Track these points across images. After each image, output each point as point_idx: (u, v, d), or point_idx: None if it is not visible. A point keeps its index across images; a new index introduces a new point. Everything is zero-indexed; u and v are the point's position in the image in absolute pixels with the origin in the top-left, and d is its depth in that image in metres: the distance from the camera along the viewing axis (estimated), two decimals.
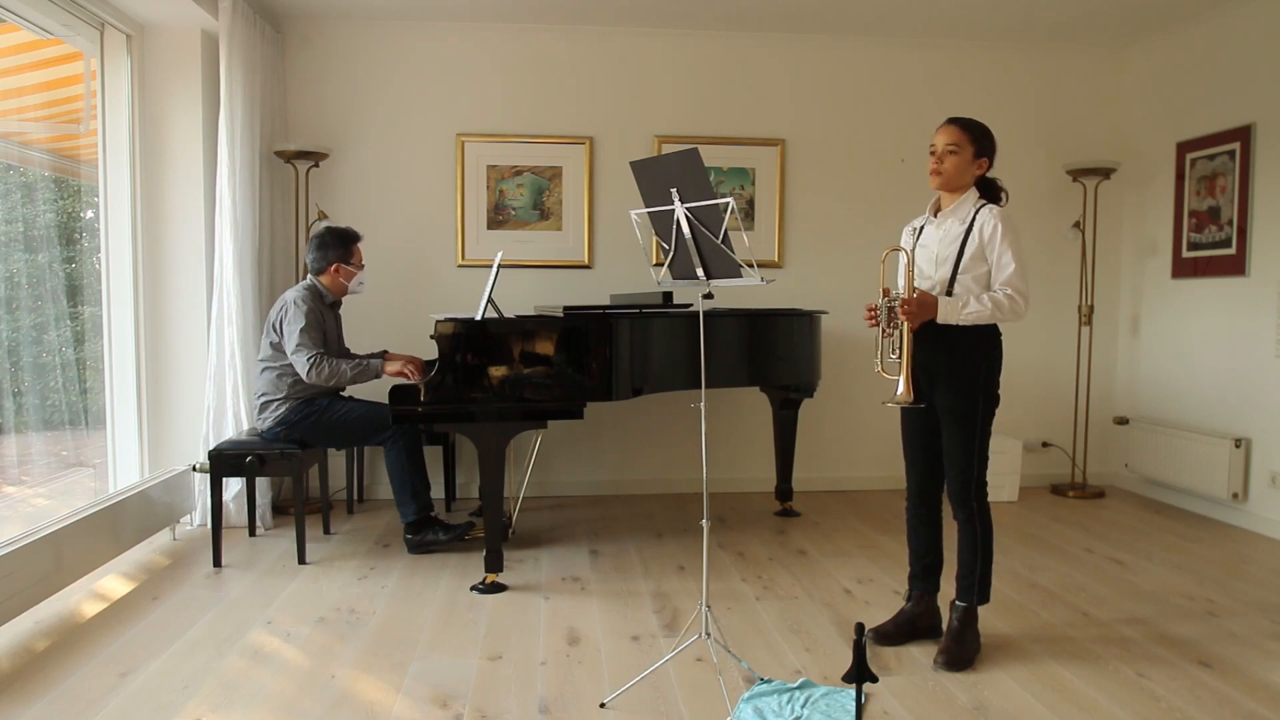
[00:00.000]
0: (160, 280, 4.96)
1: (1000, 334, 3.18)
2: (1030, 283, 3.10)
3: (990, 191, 3.23)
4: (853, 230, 5.91)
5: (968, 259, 3.12)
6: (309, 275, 4.58)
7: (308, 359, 4.28)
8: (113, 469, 4.91)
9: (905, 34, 5.83)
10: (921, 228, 3.29)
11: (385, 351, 4.75)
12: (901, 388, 3.04)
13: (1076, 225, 5.94)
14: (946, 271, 3.16)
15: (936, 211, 3.27)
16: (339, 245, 4.49)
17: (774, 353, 4.81)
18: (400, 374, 4.22)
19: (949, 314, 3.07)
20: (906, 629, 3.40)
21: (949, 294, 3.12)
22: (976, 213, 3.14)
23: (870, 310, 3.11)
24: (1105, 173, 5.82)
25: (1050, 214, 6.12)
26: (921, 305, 3.06)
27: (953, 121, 3.20)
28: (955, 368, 3.15)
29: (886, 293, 3.12)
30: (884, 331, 3.11)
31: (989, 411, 3.18)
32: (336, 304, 4.65)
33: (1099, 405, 6.21)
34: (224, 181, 4.82)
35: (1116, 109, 6.14)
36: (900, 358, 3.07)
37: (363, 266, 4.62)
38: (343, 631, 3.50)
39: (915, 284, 3.20)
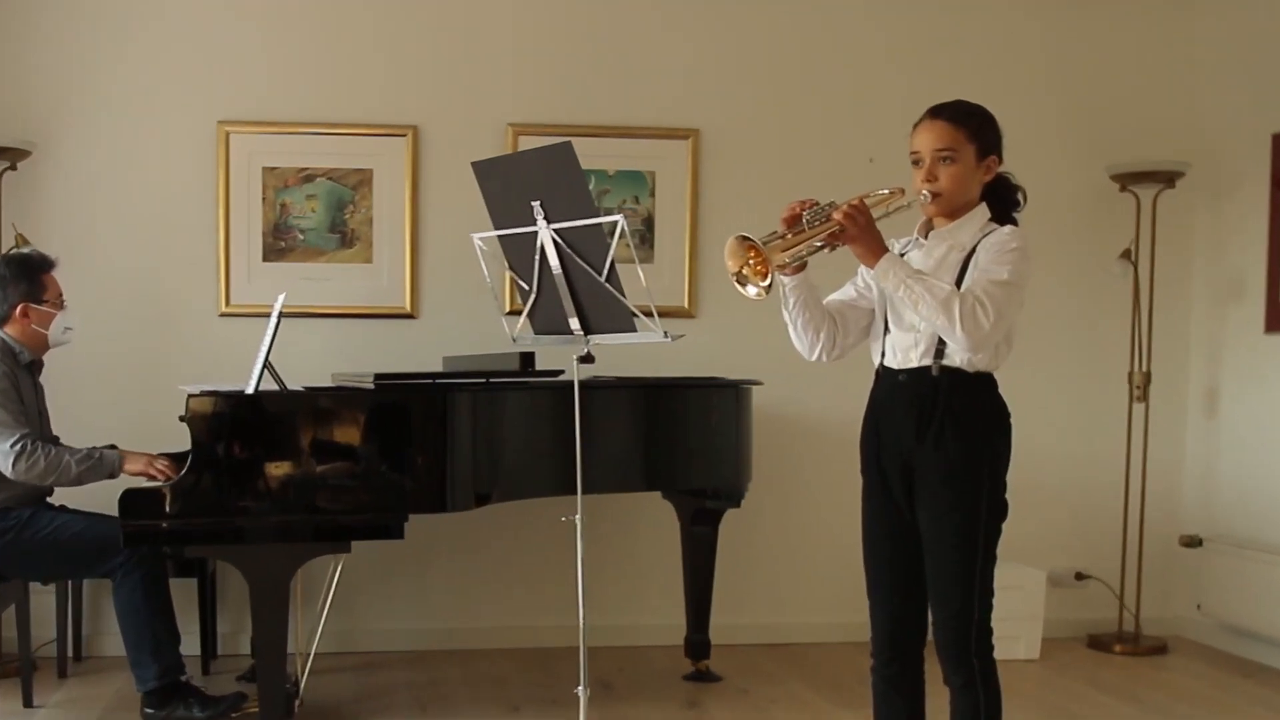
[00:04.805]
0: None
1: (1009, 414, 3.47)
2: (1009, 320, 3.31)
3: (1003, 204, 3.51)
4: None
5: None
6: None
7: (11, 445, 4.54)
8: None
9: None
10: (904, 253, 3.51)
11: (114, 446, 5.04)
12: (769, 243, 3.25)
13: (1125, 256, 6.38)
14: None
15: (927, 233, 3.53)
16: (22, 278, 4.85)
17: (683, 442, 5.22)
18: (143, 473, 4.52)
19: (892, 266, 3.28)
20: None
21: (938, 347, 3.38)
22: (985, 236, 3.39)
23: (801, 205, 3.34)
24: (1168, 178, 6.22)
25: (1086, 238, 6.65)
26: (870, 226, 3.29)
27: (938, 114, 3.43)
28: (946, 463, 3.37)
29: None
30: (797, 231, 3.31)
31: (993, 527, 3.41)
32: (35, 364, 5.02)
33: (1158, 519, 6.60)
34: None
35: (1184, 88, 6.62)
36: (793, 239, 3.26)
37: (64, 305, 4.96)
38: None
39: (890, 327, 3.51)
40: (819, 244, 3.36)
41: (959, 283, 3.34)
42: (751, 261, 3.27)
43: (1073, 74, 6.68)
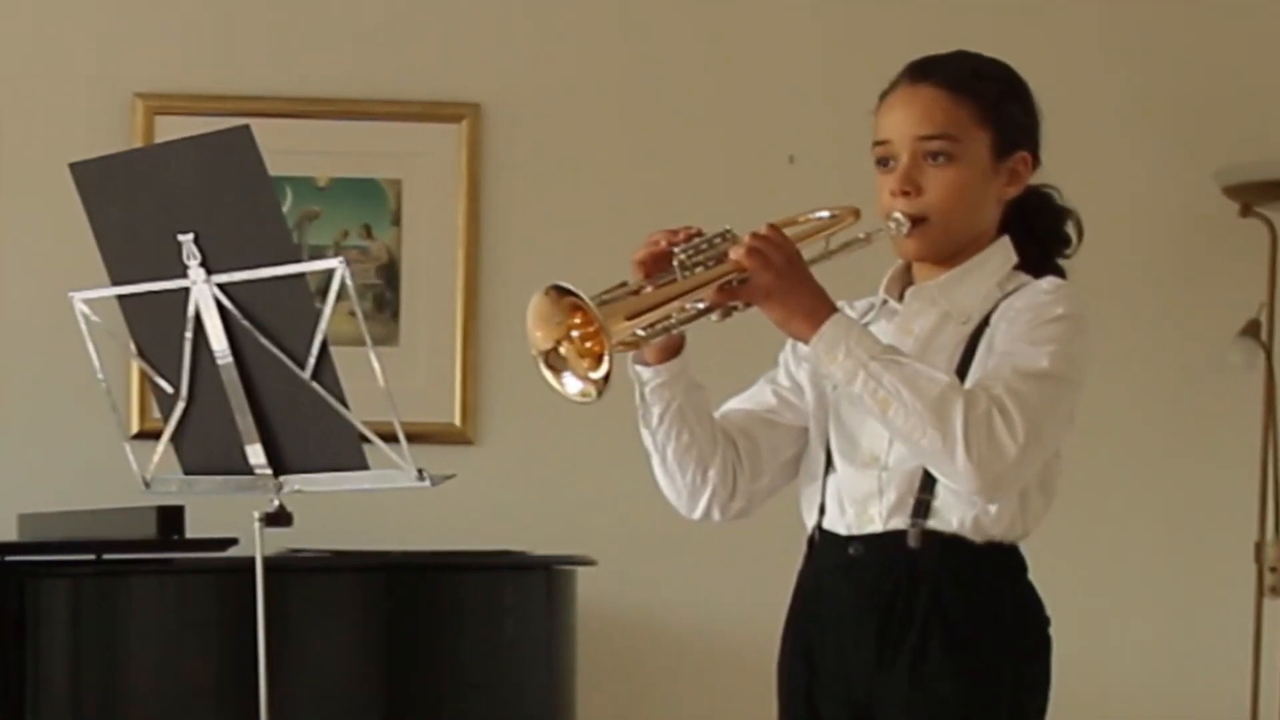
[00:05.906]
0: None
1: (1046, 619, 2.80)
2: (1048, 444, 2.54)
3: (1040, 240, 2.84)
4: None
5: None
6: None
7: None
8: None
9: None
10: (867, 324, 2.94)
11: None
12: (608, 302, 2.49)
13: (1251, 331, 5.50)
14: None
15: (903, 291, 2.89)
16: None
17: (450, 667, 4.48)
18: None
19: (844, 338, 2.55)
20: None
21: (922, 484, 2.63)
22: (1007, 297, 2.75)
23: (670, 235, 2.64)
24: None
25: (1182, 299, 5.81)
26: (795, 268, 2.58)
27: (926, 76, 2.80)
28: (933, 707, 2.66)
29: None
30: (663, 280, 2.61)
31: None
32: None
33: None
34: None
35: None
36: (654, 295, 2.63)
37: None
38: None
39: (835, 460, 2.83)
40: (703, 304, 2.61)
41: (965, 362, 2.69)
42: (576, 334, 2.43)
43: (1158, 25, 5.79)
